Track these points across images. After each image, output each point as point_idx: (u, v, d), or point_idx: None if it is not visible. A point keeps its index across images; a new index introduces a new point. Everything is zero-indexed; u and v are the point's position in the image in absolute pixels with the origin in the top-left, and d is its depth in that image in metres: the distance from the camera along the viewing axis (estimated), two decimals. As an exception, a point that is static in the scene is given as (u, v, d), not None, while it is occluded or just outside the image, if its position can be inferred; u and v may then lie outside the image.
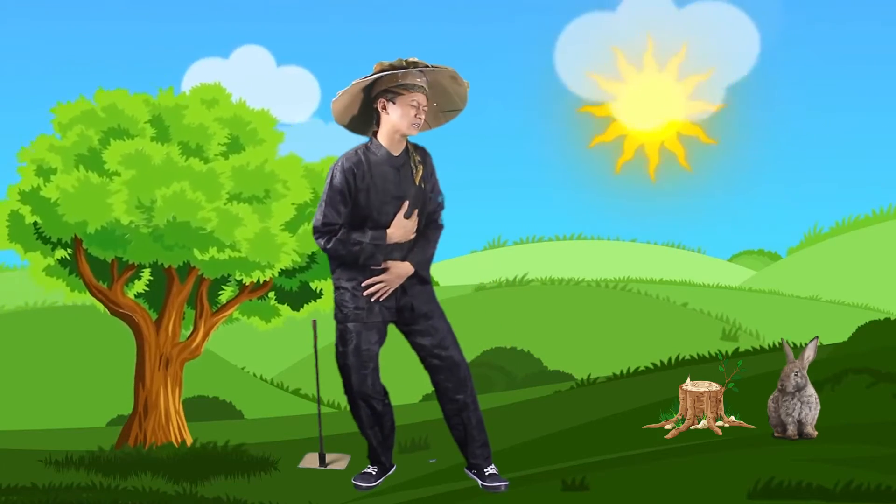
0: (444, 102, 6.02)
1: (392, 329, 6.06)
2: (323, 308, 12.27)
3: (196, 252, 10.88)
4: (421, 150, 5.98)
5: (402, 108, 5.78)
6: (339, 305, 5.94)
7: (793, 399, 6.70)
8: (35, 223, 11.14)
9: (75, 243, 11.21)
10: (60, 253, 11.64)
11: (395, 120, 5.80)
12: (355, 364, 5.93)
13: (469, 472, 6.15)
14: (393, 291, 5.90)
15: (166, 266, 11.36)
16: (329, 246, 5.85)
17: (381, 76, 5.75)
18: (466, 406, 6.03)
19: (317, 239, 5.91)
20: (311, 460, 7.45)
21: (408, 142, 5.93)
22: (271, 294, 12.16)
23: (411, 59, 5.81)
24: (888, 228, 43.48)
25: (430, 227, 5.99)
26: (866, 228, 44.57)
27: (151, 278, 12.25)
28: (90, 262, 11.46)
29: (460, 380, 5.99)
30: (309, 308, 12.20)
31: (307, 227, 11.40)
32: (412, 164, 5.89)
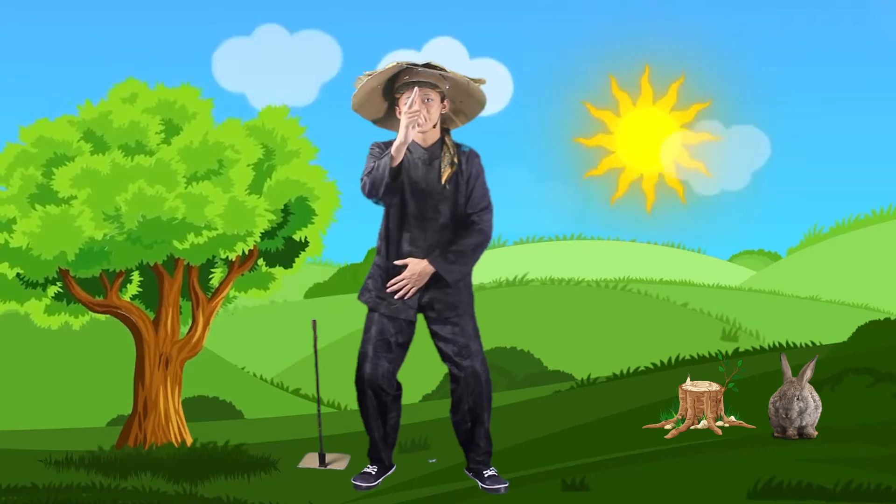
0: (465, 101, 6.04)
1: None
2: (314, 255, 12.19)
3: (175, 243, 10.91)
4: (462, 152, 5.97)
5: (403, 105, 5.85)
6: (365, 284, 6.05)
7: (793, 405, 6.72)
8: (18, 274, 11.18)
9: (62, 275, 11.26)
10: (52, 289, 11.71)
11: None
12: (371, 351, 5.99)
13: (469, 473, 6.16)
14: (419, 289, 5.93)
15: (152, 264, 11.39)
16: (364, 186, 5.92)
17: (361, 86, 5.89)
18: (478, 418, 6.04)
19: (363, 191, 5.98)
20: (311, 460, 7.45)
21: (448, 140, 5.94)
22: (260, 262, 12.14)
23: (403, 62, 5.88)
24: (888, 228, 43.46)
25: (466, 232, 5.95)
26: (866, 228, 44.56)
27: (142, 279, 12.26)
28: (81, 284, 11.51)
29: (477, 392, 5.99)
30: (301, 260, 12.14)
31: (271, 182, 11.37)
32: (441, 164, 5.91)
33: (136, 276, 12.28)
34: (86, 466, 8.31)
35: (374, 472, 6.29)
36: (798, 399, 6.70)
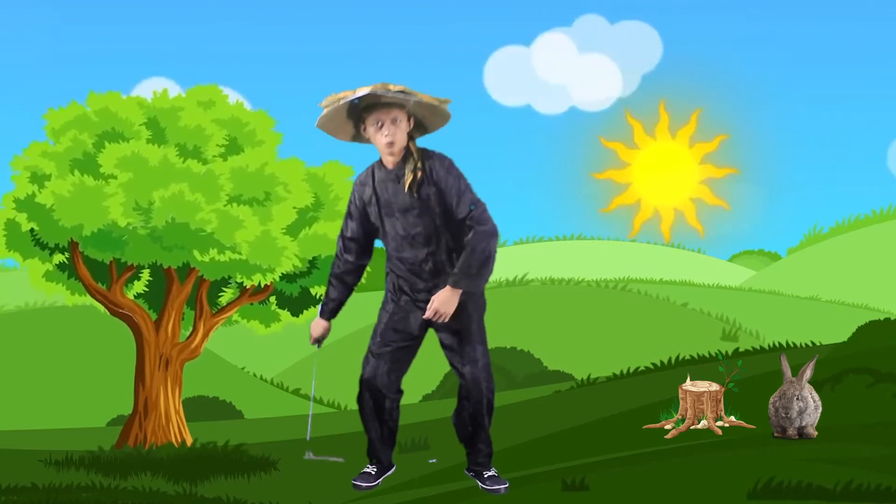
0: (428, 117, 6.02)
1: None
2: None
3: (196, 253, 10.85)
4: (425, 158, 5.93)
5: (371, 129, 5.87)
6: (383, 298, 6.12)
7: (793, 405, 6.73)
8: (32, 230, 11.12)
9: (72, 246, 11.20)
10: (58, 257, 11.62)
11: (373, 142, 5.90)
12: (372, 355, 6.02)
13: (469, 474, 6.17)
14: (421, 308, 5.94)
15: (166, 267, 11.34)
16: (334, 260, 6.18)
17: (329, 110, 5.85)
18: (478, 423, 6.06)
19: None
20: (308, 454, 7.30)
21: (411, 150, 5.91)
22: (272, 298, 12.14)
23: (376, 86, 5.83)
24: (888, 228, 43.48)
25: (467, 242, 5.84)
26: (866, 228, 44.58)
27: (151, 279, 12.23)
28: (88, 265, 11.44)
29: (477, 399, 6.01)
30: (308, 314, 12.16)
31: (308, 232, 11.38)
32: (406, 170, 5.89)
33: (145, 275, 12.24)
34: (86, 466, 8.31)
35: (373, 472, 6.29)
36: (798, 399, 6.70)
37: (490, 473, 6.09)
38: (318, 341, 6.26)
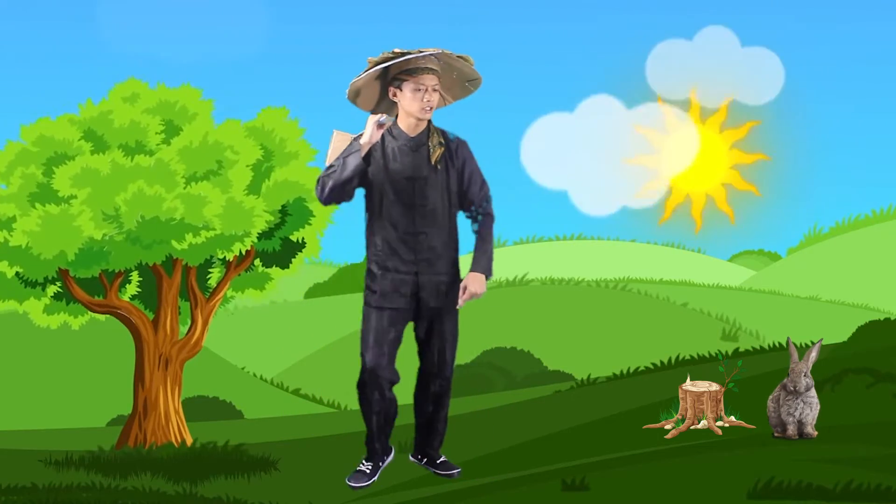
0: (459, 82, 6.08)
1: None
2: (311, 256, 12.20)
3: (174, 243, 10.93)
4: (448, 136, 6.03)
5: (409, 93, 5.90)
6: (365, 287, 6.13)
7: (796, 399, 6.70)
8: (17, 273, 11.18)
9: (61, 274, 11.27)
10: (52, 289, 11.71)
11: (405, 105, 5.95)
12: (371, 341, 6.04)
13: (414, 459, 6.29)
14: (409, 281, 5.98)
15: (151, 265, 11.39)
16: (317, 185, 5.96)
17: (380, 67, 5.86)
18: (441, 401, 6.22)
19: (316, 189, 6.01)
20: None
21: (431, 125, 5.99)
22: (257, 262, 12.13)
23: (422, 50, 5.91)
24: (888, 228, 43.49)
25: (483, 223, 6.08)
26: (866, 228, 44.58)
27: (141, 279, 12.26)
28: (81, 284, 11.51)
29: (445, 375, 6.17)
30: (298, 261, 12.13)
31: (269, 183, 11.36)
32: (430, 147, 5.95)
33: (134, 277, 12.28)
34: (86, 466, 8.32)
35: (367, 471, 6.30)
36: (806, 375, 6.66)
37: (442, 459, 6.22)
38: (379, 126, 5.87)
